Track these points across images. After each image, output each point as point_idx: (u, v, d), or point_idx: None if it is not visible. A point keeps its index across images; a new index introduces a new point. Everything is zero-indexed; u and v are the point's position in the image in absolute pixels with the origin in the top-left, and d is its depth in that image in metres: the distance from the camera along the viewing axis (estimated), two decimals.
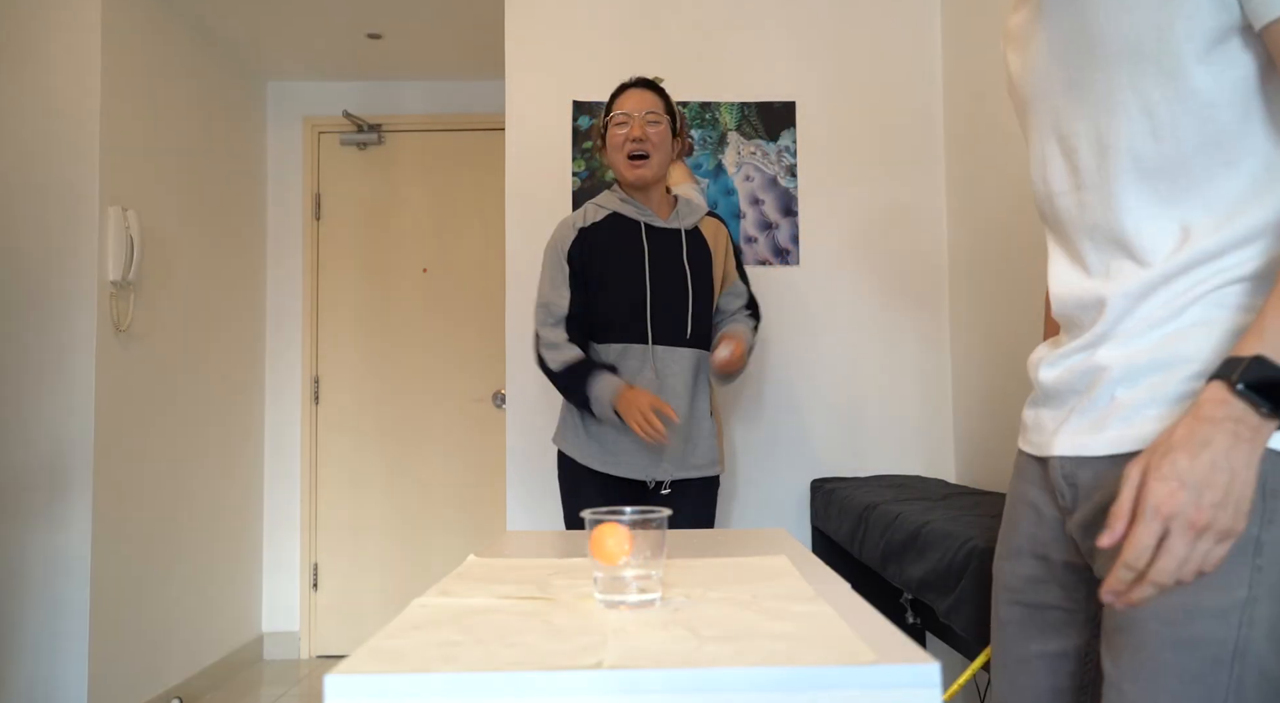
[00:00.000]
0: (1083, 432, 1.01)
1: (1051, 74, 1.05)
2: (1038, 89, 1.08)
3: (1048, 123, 1.07)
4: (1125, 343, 0.98)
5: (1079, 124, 1.02)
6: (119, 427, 3.00)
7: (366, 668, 0.68)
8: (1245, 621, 0.86)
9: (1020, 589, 1.11)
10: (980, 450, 2.72)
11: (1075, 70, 1.02)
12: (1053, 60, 1.05)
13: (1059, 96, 1.05)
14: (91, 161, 2.89)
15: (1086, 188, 1.02)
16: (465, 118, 4.19)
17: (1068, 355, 1.05)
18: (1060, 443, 1.03)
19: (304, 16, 3.54)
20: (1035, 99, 1.08)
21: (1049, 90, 1.06)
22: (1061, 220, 1.07)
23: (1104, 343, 1.00)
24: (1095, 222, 1.01)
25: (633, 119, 2.18)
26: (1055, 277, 1.08)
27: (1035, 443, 1.10)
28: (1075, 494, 1.02)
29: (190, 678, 3.43)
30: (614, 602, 0.89)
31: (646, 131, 2.18)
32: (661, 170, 2.23)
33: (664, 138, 2.21)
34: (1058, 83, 1.04)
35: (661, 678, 0.67)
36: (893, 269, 2.94)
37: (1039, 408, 1.10)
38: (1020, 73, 1.11)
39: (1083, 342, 1.02)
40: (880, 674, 0.67)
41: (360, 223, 4.20)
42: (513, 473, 2.86)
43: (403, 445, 4.13)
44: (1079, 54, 1.01)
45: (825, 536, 2.68)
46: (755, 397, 2.91)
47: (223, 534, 3.73)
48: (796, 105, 2.94)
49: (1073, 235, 1.05)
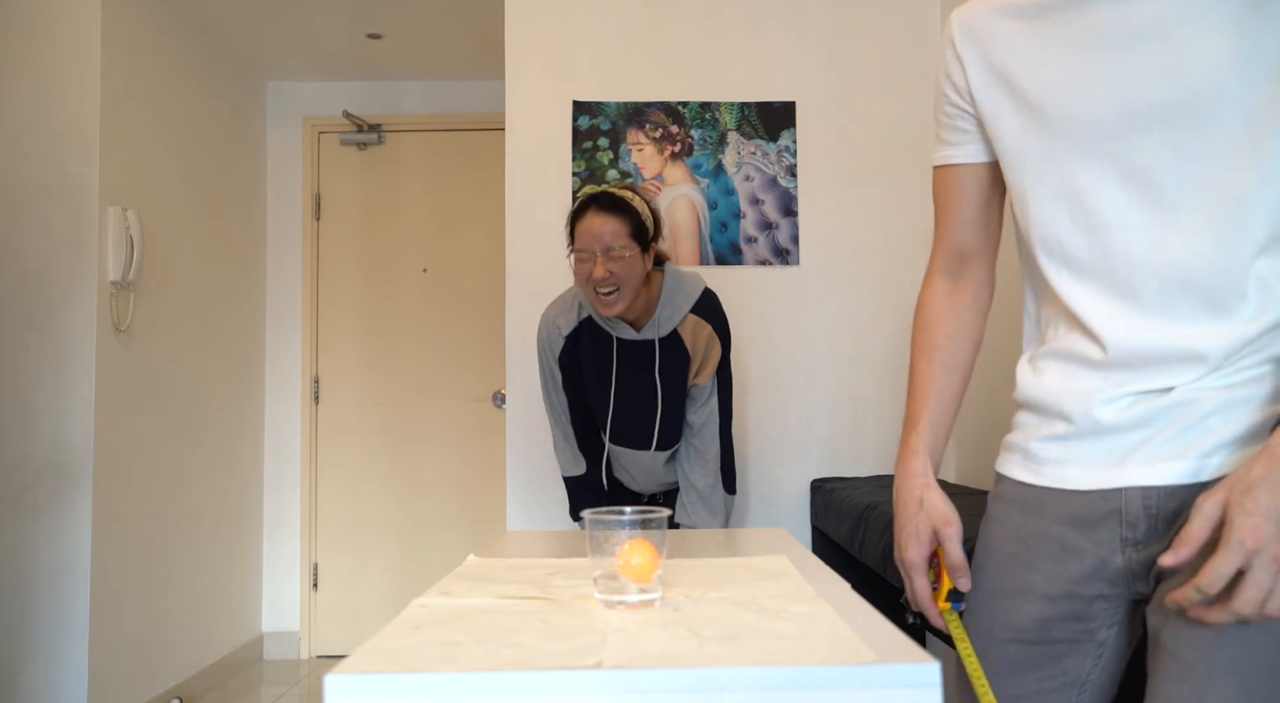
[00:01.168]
0: (1170, 459, 0.97)
1: (1131, 104, 0.98)
2: (1098, 116, 1.00)
3: (1109, 152, 1.00)
4: (1218, 380, 0.96)
5: (1163, 156, 0.97)
6: (119, 426, 3.00)
7: (366, 668, 0.68)
8: None
9: (1026, 629, 1.07)
10: (980, 450, 2.72)
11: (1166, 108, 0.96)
12: (1134, 91, 0.98)
13: (1135, 127, 0.98)
14: (91, 162, 2.89)
15: (1168, 226, 0.97)
16: (465, 118, 4.19)
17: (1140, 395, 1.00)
18: (1139, 473, 0.99)
19: (304, 16, 3.54)
20: (1092, 126, 1.01)
21: (1117, 120, 0.99)
22: (1095, 258, 1.01)
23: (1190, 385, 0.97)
24: (1173, 261, 0.97)
25: (595, 257, 1.99)
26: (1099, 320, 1.02)
27: (1076, 477, 1.04)
28: (1154, 524, 0.99)
29: (190, 678, 3.43)
30: (614, 602, 0.89)
31: (610, 269, 1.98)
32: (634, 295, 2.05)
33: (632, 265, 2.01)
34: (1139, 113, 0.98)
35: (661, 678, 0.67)
36: (892, 268, 2.94)
37: (1074, 441, 1.04)
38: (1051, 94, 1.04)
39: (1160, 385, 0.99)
40: (880, 674, 0.67)
41: (360, 223, 4.20)
42: (513, 473, 2.86)
43: (403, 445, 4.13)
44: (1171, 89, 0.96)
45: (825, 536, 2.68)
46: (756, 397, 2.91)
47: (223, 534, 3.73)
48: (796, 105, 2.94)
49: (1124, 272, 1.00)
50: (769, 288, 2.89)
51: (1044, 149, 1.05)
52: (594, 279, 1.99)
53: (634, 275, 2.02)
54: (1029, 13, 1.05)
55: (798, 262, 2.93)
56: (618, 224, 1.99)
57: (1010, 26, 1.07)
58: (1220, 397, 0.96)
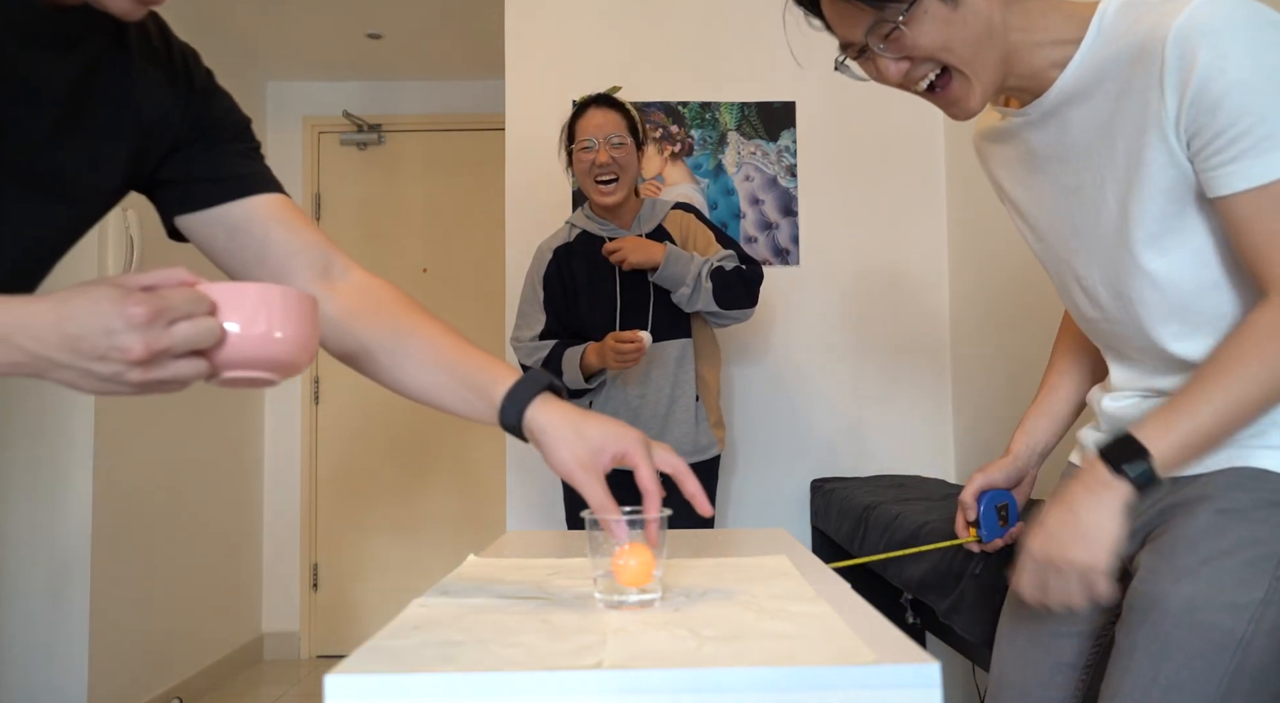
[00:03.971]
0: None
1: (1057, 221, 1.14)
2: (1048, 226, 1.16)
3: (1061, 258, 1.16)
4: None
5: (1092, 269, 1.12)
6: (119, 427, 3.00)
7: (366, 668, 0.68)
8: (1255, 618, 0.97)
9: None
10: (980, 451, 2.72)
11: (1079, 225, 1.11)
12: (1056, 210, 1.14)
13: (1068, 239, 1.13)
14: None
15: (1115, 321, 1.13)
16: (465, 118, 4.19)
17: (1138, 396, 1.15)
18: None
19: (304, 16, 3.54)
20: (1047, 234, 1.17)
21: (1058, 230, 1.14)
22: (1099, 338, 1.19)
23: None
24: (1136, 345, 1.12)
25: (597, 145, 2.22)
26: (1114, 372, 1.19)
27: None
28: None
29: (190, 678, 3.43)
30: (614, 602, 0.89)
31: (612, 156, 2.21)
32: (630, 187, 2.29)
33: (630, 157, 2.26)
34: (1065, 230, 1.14)
35: (661, 678, 0.67)
36: (893, 269, 2.94)
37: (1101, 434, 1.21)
38: (1024, 206, 1.19)
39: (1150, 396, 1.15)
40: (880, 674, 0.67)
41: (360, 223, 4.20)
42: (513, 473, 2.86)
43: (402, 446, 4.13)
44: (1080, 209, 1.10)
45: (825, 536, 2.68)
46: (755, 397, 2.91)
47: (222, 534, 3.72)
48: (796, 105, 2.94)
49: (1118, 348, 1.16)
50: (769, 288, 2.89)
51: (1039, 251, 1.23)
52: (597, 165, 2.21)
53: (631, 165, 2.26)
54: (995, 136, 1.22)
55: (798, 262, 2.93)
56: (617, 117, 2.25)
57: (990, 148, 1.24)
58: None
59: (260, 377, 0.79)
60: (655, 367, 2.29)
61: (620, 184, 2.24)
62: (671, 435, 2.27)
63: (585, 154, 2.24)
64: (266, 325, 0.76)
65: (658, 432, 2.27)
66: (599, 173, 2.23)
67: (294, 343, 0.77)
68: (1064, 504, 1.02)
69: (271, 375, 0.79)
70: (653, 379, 2.29)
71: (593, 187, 2.25)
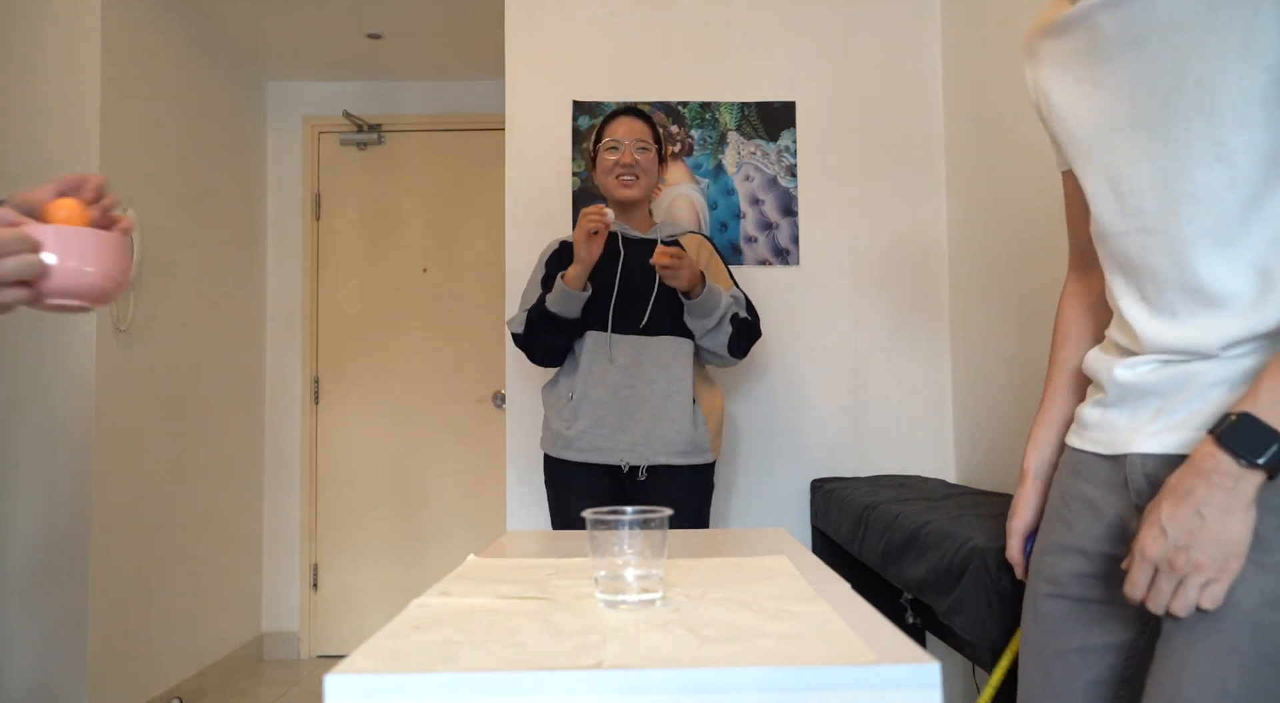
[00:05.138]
0: (1172, 430, 1.02)
1: (1115, 114, 1.06)
2: (1093, 128, 1.08)
3: (1100, 161, 1.08)
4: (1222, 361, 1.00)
5: (1141, 166, 1.03)
6: (119, 426, 3.00)
7: (366, 668, 0.68)
8: None
9: (1066, 584, 1.13)
10: (980, 451, 2.72)
11: (1143, 114, 1.02)
12: (1116, 101, 1.05)
13: (1120, 137, 1.05)
14: (91, 162, 2.89)
15: (1146, 231, 1.04)
16: (465, 118, 4.19)
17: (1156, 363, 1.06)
18: (1143, 441, 1.05)
19: (304, 16, 3.54)
20: (1089, 135, 1.09)
21: (1106, 130, 1.07)
22: (1118, 260, 1.09)
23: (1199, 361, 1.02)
24: (1158, 265, 1.03)
25: (623, 146, 2.32)
26: (1131, 315, 1.08)
27: (1104, 441, 1.11)
28: (1155, 492, 1.02)
29: (190, 678, 3.43)
30: (614, 602, 0.89)
31: (636, 158, 2.32)
32: (648, 192, 2.37)
33: (651, 163, 2.35)
34: (1122, 124, 1.05)
35: (661, 678, 0.67)
36: (893, 268, 2.94)
37: (1108, 408, 1.11)
38: (1069, 107, 1.12)
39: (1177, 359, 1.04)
40: (880, 674, 0.67)
41: (360, 223, 4.20)
42: (513, 473, 2.86)
43: (403, 446, 4.13)
44: (1149, 96, 1.01)
45: (825, 536, 2.68)
46: (755, 397, 2.91)
47: (223, 534, 3.73)
48: (796, 105, 2.94)
49: (1134, 275, 1.07)
50: (769, 288, 2.89)
51: (1074, 159, 1.13)
52: (621, 163, 2.31)
53: (652, 170, 2.36)
54: (1055, 30, 1.13)
55: (798, 262, 2.93)
56: (645, 126, 2.37)
57: (1047, 45, 1.15)
58: (1224, 370, 0.99)
59: (75, 304, 0.94)
60: (646, 356, 2.29)
61: (640, 183, 2.34)
62: (665, 430, 2.26)
63: (610, 154, 2.33)
64: (78, 261, 0.92)
65: (649, 425, 2.26)
66: (621, 171, 2.32)
67: (103, 276, 0.94)
68: (1185, 503, 0.91)
69: (85, 303, 0.95)
70: (643, 369, 2.29)
71: (614, 182, 2.34)
